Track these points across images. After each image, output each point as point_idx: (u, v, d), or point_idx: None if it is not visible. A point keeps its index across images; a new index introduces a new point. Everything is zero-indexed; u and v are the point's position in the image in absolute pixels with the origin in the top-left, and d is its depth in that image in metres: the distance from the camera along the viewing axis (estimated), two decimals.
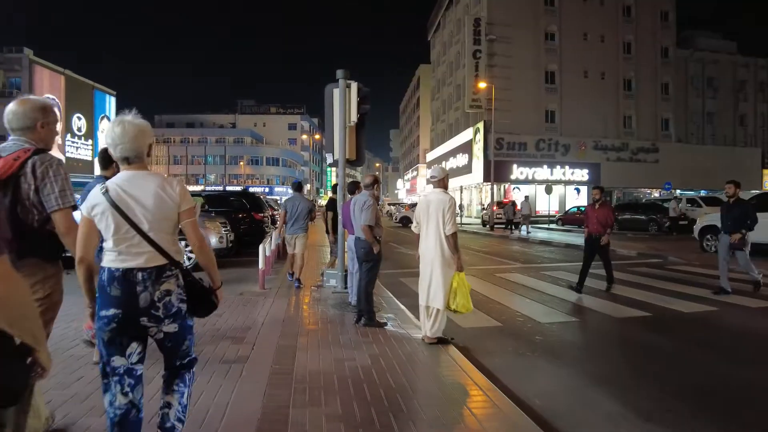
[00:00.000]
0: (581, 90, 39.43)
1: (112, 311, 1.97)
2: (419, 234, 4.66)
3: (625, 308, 6.53)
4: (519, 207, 24.47)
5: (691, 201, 24.25)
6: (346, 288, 6.78)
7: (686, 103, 43.84)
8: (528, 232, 22.34)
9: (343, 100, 6.72)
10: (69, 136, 45.99)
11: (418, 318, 5.57)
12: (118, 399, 2.03)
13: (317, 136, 63.16)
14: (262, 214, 11.85)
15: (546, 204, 34.45)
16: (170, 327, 2.09)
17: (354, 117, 6.75)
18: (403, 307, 6.29)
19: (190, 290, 2.13)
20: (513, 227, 24.45)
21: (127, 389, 2.04)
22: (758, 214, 12.02)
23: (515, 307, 6.68)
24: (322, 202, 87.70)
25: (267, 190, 68.69)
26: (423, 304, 4.57)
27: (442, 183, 4.63)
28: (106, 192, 1.98)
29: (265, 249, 7.67)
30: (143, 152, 2.10)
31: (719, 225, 13.12)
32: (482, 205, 38.05)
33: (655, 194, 38.82)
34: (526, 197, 25.06)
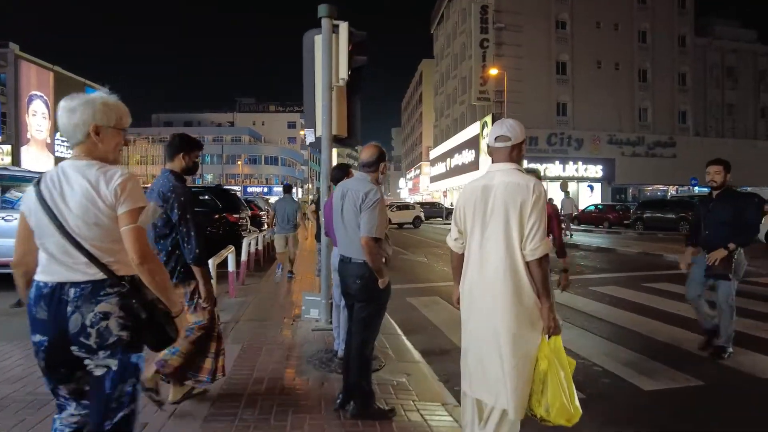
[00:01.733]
0: (594, 81, 37.24)
1: (38, 337, 1.68)
2: (457, 252, 2.50)
3: None
4: (560, 206, 20.20)
5: None
6: (331, 323, 4.65)
7: (705, 95, 41.51)
8: (570, 236, 18.79)
9: (328, 50, 4.61)
10: (58, 134, 44.01)
11: (444, 382, 3.52)
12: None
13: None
14: (237, 216, 9.72)
15: (559, 202, 32.44)
16: (105, 362, 1.66)
17: (344, 73, 4.64)
18: (419, 358, 4.19)
19: (136, 314, 1.69)
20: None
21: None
22: None
23: (586, 354, 4.54)
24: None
25: (266, 189, 66.74)
26: (470, 393, 2.38)
27: (515, 152, 2.33)
28: (37, 183, 1.71)
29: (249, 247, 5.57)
30: (80, 133, 1.70)
31: None
32: None
33: (672, 191, 36.77)
34: (567, 193, 20.82)
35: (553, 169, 34.95)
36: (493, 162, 2.39)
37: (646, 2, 38.80)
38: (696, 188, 31.10)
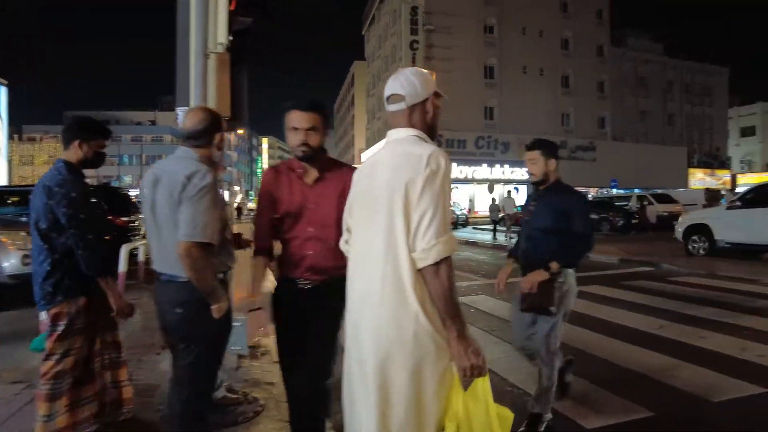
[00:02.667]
0: (520, 86, 38.20)
1: None
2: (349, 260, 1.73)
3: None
4: (501, 206, 18.70)
5: (641, 198, 23.13)
6: None
7: (621, 102, 43.84)
8: (510, 237, 17.28)
9: (203, 5, 3.64)
10: None
11: None
12: None
13: (240, 131, 58.61)
14: (126, 219, 8.36)
15: (486, 204, 32.93)
16: None
17: (222, 37, 3.68)
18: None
19: None
20: (504, 232, 18.27)
21: None
22: (753, 211, 10.76)
23: (516, 379, 3.87)
24: (252, 205, 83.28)
25: None
26: None
27: (416, 115, 1.62)
28: None
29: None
30: None
31: (710, 224, 11.56)
32: None
33: (593, 192, 38.37)
34: (509, 192, 19.91)
35: (481, 171, 35.42)
36: (390, 127, 1.68)
37: (568, 11, 40.41)
38: (614, 190, 32.52)
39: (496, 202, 19.16)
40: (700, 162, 47.90)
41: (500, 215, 18.55)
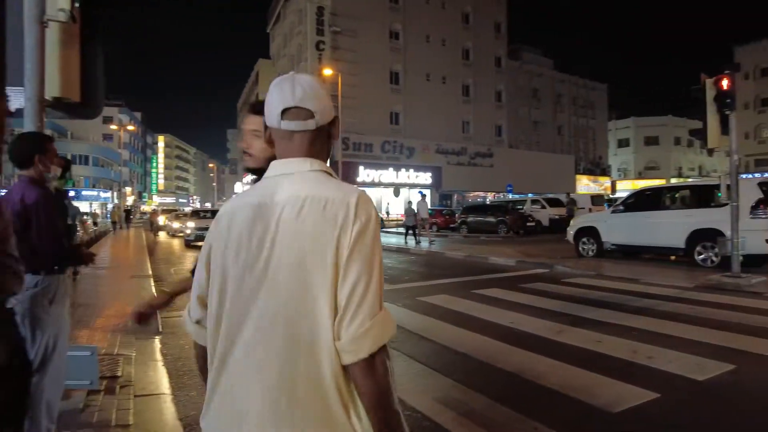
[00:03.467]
0: (424, 93, 39.20)
1: None
2: (202, 345, 1.16)
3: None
4: (416, 210, 17.92)
5: (535, 202, 24.56)
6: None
7: (516, 112, 46.59)
8: (419, 242, 17.25)
9: None
10: None
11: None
12: None
13: (131, 127, 53.93)
14: None
15: (393, 207, 33.48)
16: None
17: (64, 2, 2.98)
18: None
19: None
20: (415, 236, 17.82)
21: None
22: (633, 214, 11.59)
23: (415, 401, 3.56)
24: (146, 207, 77.15)
25: (73, 193, 57.23)
26: None
27: (320, 141, 1.15)
28: None
29: None
30: None
31: (597, 227, 12.30)
32: None
33: (490, 197, 40.35)
34: (424, 196, 19.23)
35: (388, 175, 35.71)
36: (277, 157, 1.15)
37: (469, 23, 42.19)
38: (510, 194, 34.36)
39: (412, 206, 18.56)
40: (585, 169, 52.26)
41: (417, 219, 17.90)
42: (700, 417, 3.13)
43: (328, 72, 26.24)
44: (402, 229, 20.27)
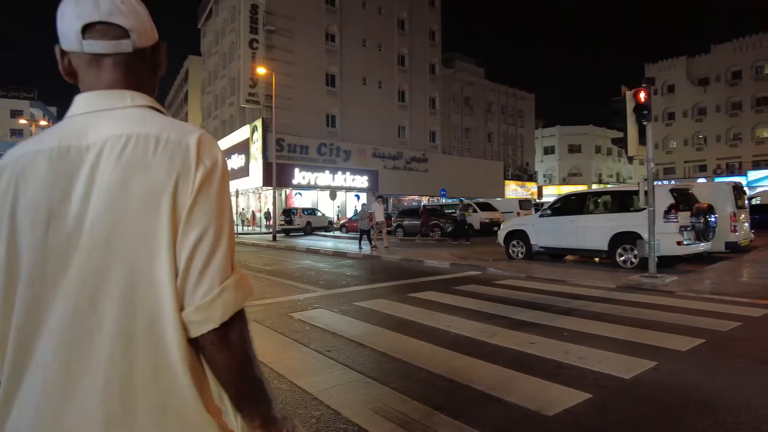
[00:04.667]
0: (361, 97, 39.23)
1: None
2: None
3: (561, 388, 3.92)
4: (371, 212, 17.02)
5: (467, 206, 25.18)
6: None
7: (449, 118, 47.76)
8: (374, 245, 16.34)
9: None
10: None
11: None
12: None
13: (44, 123, 49.73)
14: None
15: (329, 211, 33.19)
16: None
17: None
18: None
19: None
20: (369, 241, 16.84)
21: None
22: (560, 218, 12.01)
23: (351, 413, 3.43)
24: None
25: None
26: None
27: (145, 67, 0.94)
28: None
29: None
30: None
31: (526, 230, 12.71)
32: (263, 211, 34.48)
33: (425, 200, 41.03)
34: (380, 197, 18.16)
35: (324, 178, 35.31)
36: (82, 91, 0.89)
37: (405, 29, 42.74)
38: (444, 198, 35.07)
39: (366, 209, 17.77)
40: (514, 175, 54.45)
41: (374, 222, 16.82)
42: (628, 416, 3.22)
43: (261, 71, 25.57)
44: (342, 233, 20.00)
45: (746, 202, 12.86)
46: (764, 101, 50.18)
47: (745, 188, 16.33)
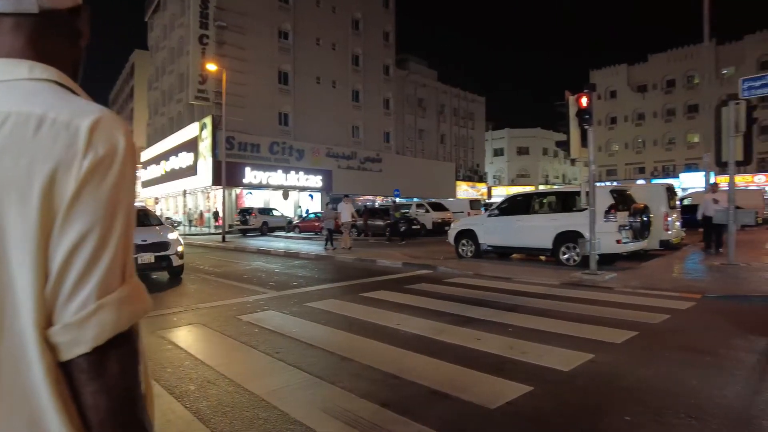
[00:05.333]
0: (314, 96, 38.93)
1: None
2: None
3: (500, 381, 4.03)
4: (338, 211, 16.56)
5: (420, 206, 25.51)
6: None
7: (403, 119, 48.20)
8: (333, 247, 15.91)
9: None
10: None
11: None
12: None
13: None
14: None
15: (288, 210, 32.82)
16: None
17: None
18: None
19: None
20: (332, 242, 16.36)
21: None
22: (507, 218, 12.39)
23: (301, 415, 3.43)
24: None
25: None
26: None
27: (57, 29, 0.78)
28: None
29: None
30: None
31: (475, 229, 13.00)
32: (210, 210, 33.57)
33: (379, 200, 41.27)
34: (347, 196, 17.39)
35: (276, 177, 34.80)
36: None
37: (359, 29, 42.75)
38: (398, 198, 35.38)
39: (331, 209, 17.25)
40: (465, 176, 55.60)
41: (340, 222, 16.32)
42: (566, 406, 3.38)
43: (212, 67, 24.90)
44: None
45: (678, 202, 13.70)
46: (694, 108, 53.48)
47: (678, 189, 17.38)
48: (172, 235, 9.65)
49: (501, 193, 58.24)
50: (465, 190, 53.41)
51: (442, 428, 2.99)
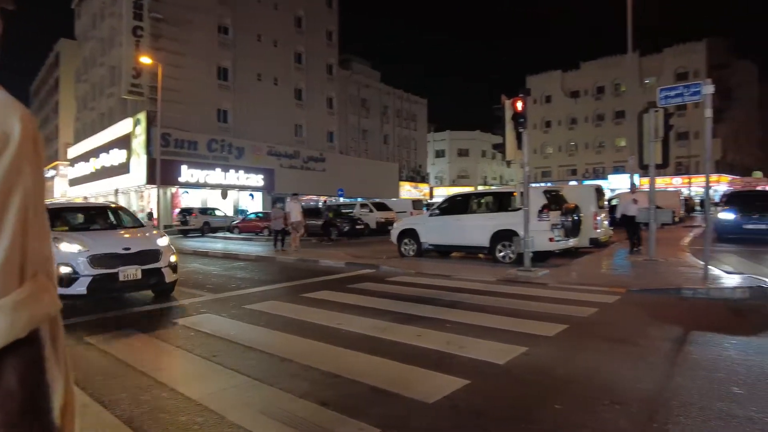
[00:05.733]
0: (255, 93, 38.07)
1: None
2: None
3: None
4: (287, 210, 15.85)
5: (364, 206, 25.56)
6: None
7: (346, 119, 48.11)
8: (282, 247, 15.40)
9: None
10: None
11: None
12: None
13: None
14: None
15: (224, 210, 31.80)
16: None
17: None
18: None
19: None
20: (282, 242, 15.69)
21: None
22: (447, 218, 12.64)
23: (236, 417, 3.35)
24: None
25: None
26: None
27: None
28: None
29: None
30: None
31: (417, 229, 13.17)
32: (143, 211, 32.04)
33: (323, 200, 40.99)
34: (295, 195, 16.55)
35: (215, 176, 33.77)
36: None
37: (302, 27, 42.22)
38: (341, 198, 35.29)
39: (280, 208, 16.68)
40: (408, 176, 56.29)
41: (289, 222, 15.65)
42: (502, 397, 3.51)
43: (146, 61, 23.79)
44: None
45: (606, 203, 14.53)
46: (622, 114, 56.99)
47: (607, 190, 18.44)
48: (162, 241, 7.41)
49: (442, 193, 59.43)
50: (408, 191, 54.07)
51: (381, 425, 3.02)
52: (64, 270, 6.20)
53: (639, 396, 3.42)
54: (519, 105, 9.23)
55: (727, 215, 14.89)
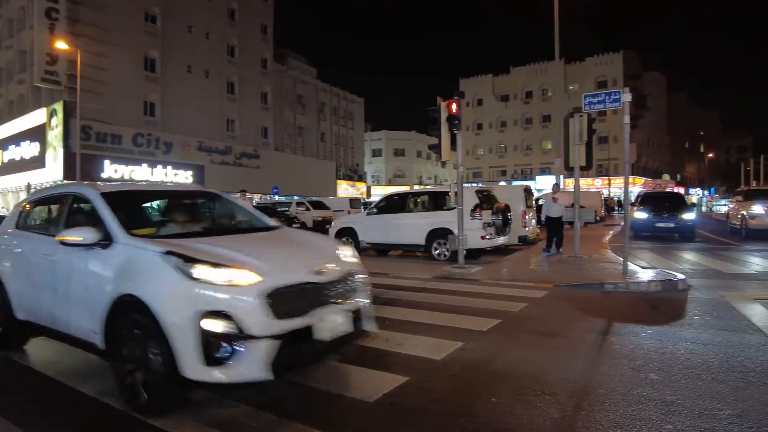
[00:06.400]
0: (185, 85, 36.50)
1: None
2: None
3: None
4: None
5: (300, 204, 25.25)
6: None
7: (282, 116, 47.23)
8: None
9: None
10: None
11: None
12: None
13: None
14: None
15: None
16: None
17: None
18: None
19: None
20: None
21: None
22: (385, 216, 12.76)
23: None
24: None
25: None
26: None
27: None
28: None
29: None
30: None
31: (355, 227, 13.18)
32: None
33: (257, 198, 40.00)
34: (243, 191, 15.93)
35: (141, 172, 32.01)
36: None
37: (235, 19, 40.96)
38: (276, 196, 34.61)
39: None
40: (345, 175, 56.15)
41: None
42: (439, 392, 3.58)
43: (62, 46, 22.12)
44: None
45: (534, 202, 15.24)
46: (548, 118, 60.10)
47: (535, 191, 19.33)
48: (352, 256, 4.37)
49: (379, 192, 59.83)
50: (345, 189, 53.94)
51: (321, 426, 2.99)
52: (217, 327, 2.93)
53: (567, 386, 3.62)
54: (454, 107, 9.47)
55: (640, 214, 16.11)
